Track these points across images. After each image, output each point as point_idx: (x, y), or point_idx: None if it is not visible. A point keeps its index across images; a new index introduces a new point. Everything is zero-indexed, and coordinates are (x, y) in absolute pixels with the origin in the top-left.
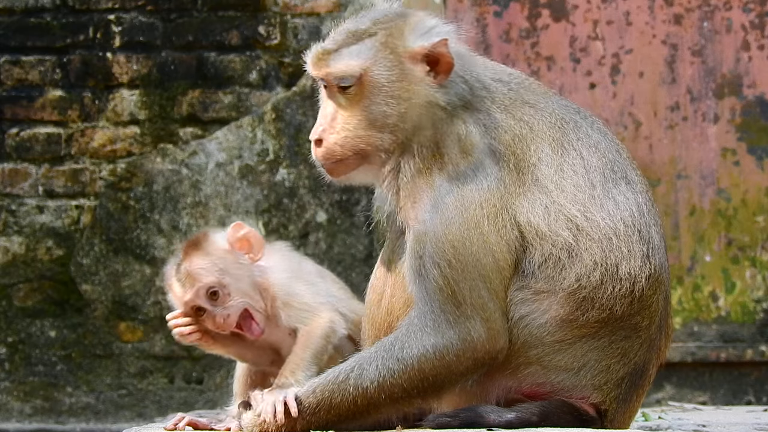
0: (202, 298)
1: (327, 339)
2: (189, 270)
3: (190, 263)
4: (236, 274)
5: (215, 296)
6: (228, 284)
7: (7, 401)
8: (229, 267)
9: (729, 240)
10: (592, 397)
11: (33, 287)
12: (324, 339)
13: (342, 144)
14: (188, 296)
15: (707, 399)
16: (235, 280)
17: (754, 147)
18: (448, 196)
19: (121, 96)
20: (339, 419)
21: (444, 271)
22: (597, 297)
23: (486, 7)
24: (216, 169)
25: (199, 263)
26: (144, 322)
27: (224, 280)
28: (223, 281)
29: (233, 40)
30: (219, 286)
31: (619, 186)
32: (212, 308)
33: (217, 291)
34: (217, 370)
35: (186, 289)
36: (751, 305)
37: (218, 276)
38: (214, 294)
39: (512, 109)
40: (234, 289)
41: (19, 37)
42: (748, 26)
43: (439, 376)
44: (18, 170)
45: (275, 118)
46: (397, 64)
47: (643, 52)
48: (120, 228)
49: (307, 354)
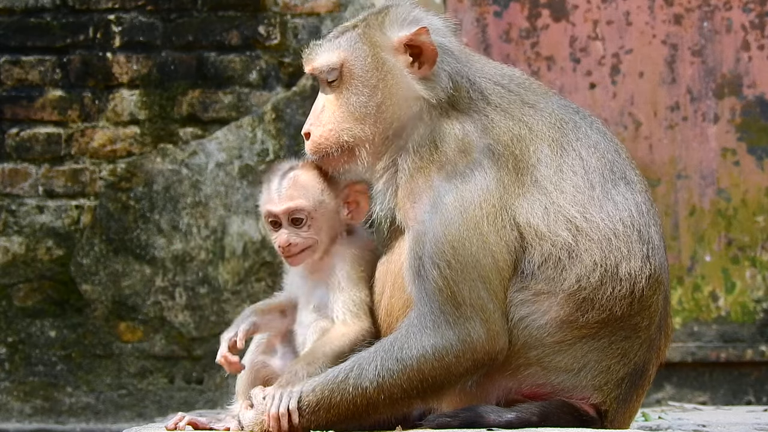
0: (284, 215)
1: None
2: (294, 181)
3: (298, 177)
4: (325, 218)
5: (297, 222)
6: (314, 219)
7: (7, 401)
8: (326, 209)
9: (729, 240)
10: (592, 397)
11: (33, 287)
12: (351, 345)
13: (327, 137)
14: (275, 207)
15: (707, 399)
16: (321, 221)
17: (754, 147)
18: (448, 196)
19: (121, 96)
20: (339, 419)
21: (443, 271)
22: (597, 298)
23: (486, 7)
24: (216, 169)
25: (305, 183)
26: (144, 322)
27: (313, 213)
28: (312, 214)
29: (233, 40)
30: (305, 216)
31: (619, 186)
32: (286, 227)
33: (301, 219)
34: (217, 370)
35: (279, 198)
36: (751, 305)
37: (311, 207)
38: (297, 220)
39: (511, 110)
40: (314, 228)
41: (19, 37)
42: (748, 26)
43: (438, 376)
44: (18, 170)
45: (275, 118)
46: (372, 55)
47: (643, 52)
48: (120, 228)
49: (330, 352)
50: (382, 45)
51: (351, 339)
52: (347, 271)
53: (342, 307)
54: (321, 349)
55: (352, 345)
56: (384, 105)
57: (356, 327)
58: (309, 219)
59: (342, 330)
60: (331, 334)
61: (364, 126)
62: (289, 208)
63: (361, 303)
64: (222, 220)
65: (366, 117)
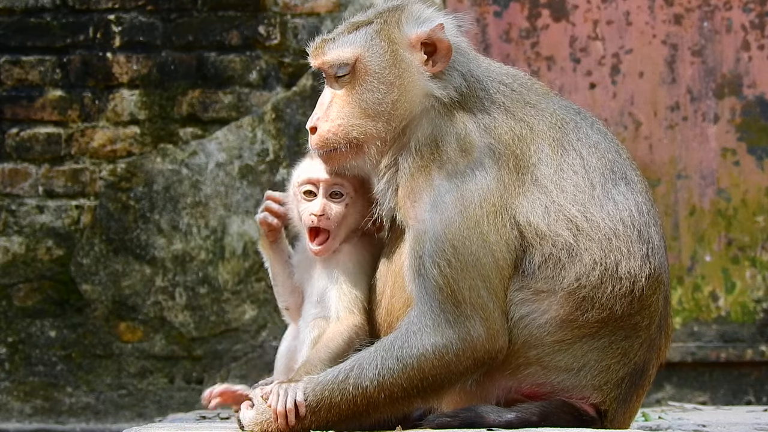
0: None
1: (349, 344)
2: None
3: None
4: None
5: (336, 195)
6: (349, 203)
7: (7, 401)
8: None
9: (729, 240)
10: (592, 397)
11: (33, 287)
12: (347, 344)
13: (335, 132)
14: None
15: (707, 399)
16: (352, 208)
17: (754, 147)
18: (448, 195)
19: (121, 96)
20: (339, 418)
21: (444, 270)
22: (597, 297)
23: (486, 7)
24: (216, 169)
25: None
26: (144, 322)
27: (352, 195)
28: (351, 194)
29: (233, 40)
30: (345, 194)
31: (619, 186)
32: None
33: (340, 194)
34: (217, 370)
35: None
36: (751, 305)
37: (351, 189)
38: (336, 194)
39: (513, 110)
40: (347, 210)
41: (19, 37)
42: (748, 26)
43: (438, 375)
44: (18, 170)
45: (275, 118)
46: (390, 51)
47: (643, 52)
48: (120, 228)
49: (326, 356)
50: (399, 42)
51: (344, 336)
52: (348, 267)
53: (336, 300)
54: (317, 356)
55: (347, 342)
56: (398, 102)
57: (348, 323)
58: (347, 197)
59: (335, 328)
60: (325, 337)
61: (376, 123)
62: (334, 179)
63: (355, 299)
64: (222, 220)
65: (379, 114)
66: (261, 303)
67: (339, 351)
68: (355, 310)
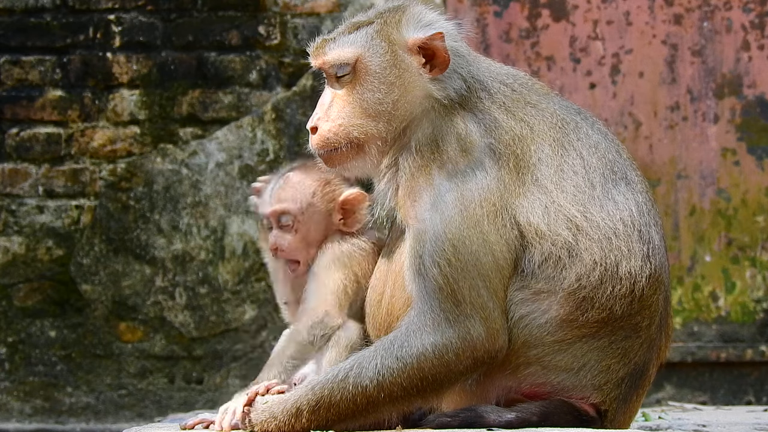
0: (272, 217)
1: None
2: (284, 184)
3: (290, 180)
4: (314, 221)
5: (284, 224)
6: (300, 223)
7: (7, 401)
8: (314, 212)
9: (729, 240)
10: (592, 397)
11: (33, 287)
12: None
13: (336, 132)
14: (265, 209)
15: (707, 399)
16: (308, 224)
17: (754, 147)
18: (448, 194)
19: (121, 96)
20: (339, 418)
21: (443, 269)
22: (597, 297)
23: (486, 7)
24: (216, 169)
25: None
26: (144, 322)
27: (300, 217)
28: (298, 218)
29: (233, 40)
30: (290, 218)
31: (619, 186)
32: (274, 229)
33: (288, 222)
34: (217, 370)
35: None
36: (751, 305)
37: (297, 211)
38: (284, 224)
39: (514, 110)
40: (301, 232)
41: (19, 37)
42: (748, 26)
43: (438, 375)
44: (18, 170)
45: (275, 118)
46: (390, 52)
47: (643, 52)
48: (120, 228)
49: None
50: (398, 43)
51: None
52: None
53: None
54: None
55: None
56: (399, 102)
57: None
58: (296, 223)
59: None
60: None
61: (377, 123)
62: (276, 210)
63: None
64: (222, 220)
65: (380, 114)
66: (261, 303)
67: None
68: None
